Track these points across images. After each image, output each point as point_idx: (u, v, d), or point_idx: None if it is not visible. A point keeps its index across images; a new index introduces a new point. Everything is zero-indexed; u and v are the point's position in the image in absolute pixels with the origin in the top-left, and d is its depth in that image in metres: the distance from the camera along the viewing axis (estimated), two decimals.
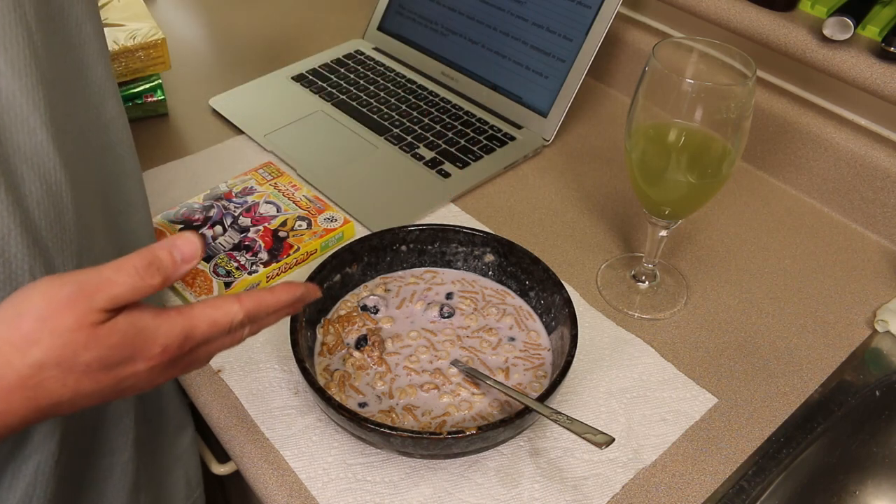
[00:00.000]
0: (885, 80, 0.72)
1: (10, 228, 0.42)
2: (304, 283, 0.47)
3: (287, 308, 0.45)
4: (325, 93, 0.93)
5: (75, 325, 0.36)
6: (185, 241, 0.40)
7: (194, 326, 0.40)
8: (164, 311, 0.40)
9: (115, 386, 0.39)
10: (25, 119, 0.42)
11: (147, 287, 0.38)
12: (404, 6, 0.99)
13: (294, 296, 0.45)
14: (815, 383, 0.63)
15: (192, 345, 0.41)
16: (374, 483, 0.55)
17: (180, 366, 0.42)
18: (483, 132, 0.87)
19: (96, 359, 0.37)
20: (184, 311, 0.40)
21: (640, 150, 0.61)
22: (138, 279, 0.38)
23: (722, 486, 0.56)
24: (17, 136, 0.42)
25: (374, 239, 0.66)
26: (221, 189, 0.77)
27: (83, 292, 0.37)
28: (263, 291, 0.43)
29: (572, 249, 0.75)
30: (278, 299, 0.44)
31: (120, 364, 0.38)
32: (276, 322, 0.45)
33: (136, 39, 0.85)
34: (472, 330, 0.63)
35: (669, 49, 0.59)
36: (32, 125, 0.43)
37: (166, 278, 0.39)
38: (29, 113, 0.42)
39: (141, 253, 0.39)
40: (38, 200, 0.44)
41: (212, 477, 0.72)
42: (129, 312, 0.38)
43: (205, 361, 0.44)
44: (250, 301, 0.42)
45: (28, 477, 0.48)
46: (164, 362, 0.40)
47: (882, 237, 0.77)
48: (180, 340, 0.40)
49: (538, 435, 0.59)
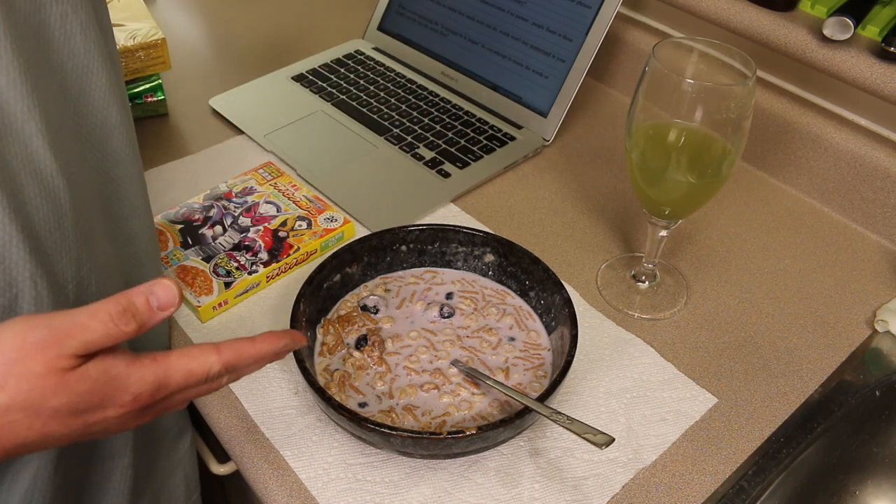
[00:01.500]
0: (885, 80, 0.72)
1: (12, 235, 0.42)
2: (289, 331, 0.46)
3: (270, 357, 0.45)
4: (325, 93, 0.93)
5: (44, 370, 0.36)
6: (163, 288, 0.39)
7: (168, 376, 0.40)
8: (138, 359, 0.39)
9: (84, 430, 0.39)
10: (21, 126, 0.42)
11: (121, 334, 0.38)
12: (404, 6, 0.99)
13: (276, 347, 0.45)
14: (815, 383, 0.63)
15: (165, 393, 0.40)
16: (374, 483, 0.55)
17: (153, 412, 0.41)
18: (483, 132, 0.87)
19: (65, 405, 0.37)
20: (159, 359, 0.40)
21: (640, 150, 0.61)
22: (112, 326, 0.37)
23: (722, 486, 0.56)
24: (14, 144, 0.42)
25: (374, 239, 0.66)
26: (221, 189, 0.77)
27: (55, 337, 0.36)
28: (244, 342, 0.43)
29: (572, 249, 0.75)
30: (259, 350, 0.43)
31: (89, 410, 0.38)
32: (258, 370, 0.45)
33: (136, 39, 0.85)
34: (472, 330, 0.63)
35: (669, 49, 0.59)
36: (28, 132, 0.43)
37: (141, 325, 0.39)
38: (24, 121, 0.42)
39: (117, 298, 0.38)
40: (37, 207, 0.44)
41: (212, 477, 0.72)
42: (101, 359, 0.38)
43: (180, 406, 0.43)
44: (229, 352, 0.42)
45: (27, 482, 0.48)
46: (135, 410, 0.40)
47: (882, 237, 0.77)
48: (152, 389, 0.39)
49: (538, 435, 0.59)
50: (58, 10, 0.45)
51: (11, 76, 0.41)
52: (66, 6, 0.46)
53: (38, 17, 0.44)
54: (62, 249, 0.46)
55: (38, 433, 0.37)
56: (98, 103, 0.50)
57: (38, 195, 0.44)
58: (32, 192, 0.43)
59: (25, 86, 0.42)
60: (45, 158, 0.44)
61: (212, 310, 0.66)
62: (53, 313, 0.37)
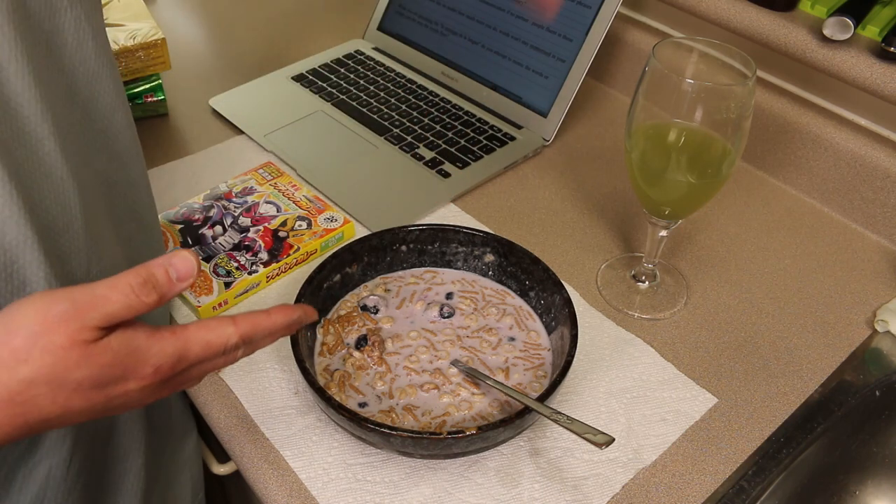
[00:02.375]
0: (885, 80, 0.72)
1: (27, 236, 0.42)
2: (301, 305, 0.47)
3: (283, 330, 0.45)
4: (325, 93, 0.93)
5: (68, 342, 0.36)
6: (181, 259, 0.39)
7: (188, 348, 0.40)
8: (158, 332, 0.39)
9: (105, 404, 0.39)
10: (34, 129, 0.43)
11: (142, 305, 0.38)
12: (404, 6, 0.99)
13: (290, 318, 0.45)
14: (815, 383, 0.63)
15: (184, 366, 0.40)
16: (374, 483, 0.55)
17: (172, 385, 0.42)
18: (483, 132, 0.87)
19: (88, 377, 0.37)
20: (178, 331, 0.40)
21: (640, 150, 0.61)
22: (133, 297, 0.38)
23: (722, 486, 0.56)
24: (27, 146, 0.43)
25: (374, 239, 0.66)
26: (221, 189, 0.77)
27: (77, 310, 0.36)
28: (259, 314, 0.43)
29: (572, 249, 0.75)
30: (274, 322, 0.44)
31: (111, 383, 0.38)
32: (272, 343, 0.45)
33: (136, 39, 0.85)
34: (472, 330, 0.63)
35: (669, 49, 0.59)
36: (41, 135, 0.43)
37: (162, 296, 0.39)
38: (37, 123, 0.43)
39: (137, 270, 0.38)
40: (50, 209, 0.44)
41: (212, 477, 0.72)
42: (122, 331, 0.38)
43: (197, 381, 0.44)
44: (246, 324, 0.42)
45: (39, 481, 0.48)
46: (156, 382, 0.40)
47: (882, 237, 0.77)
48: (173, 361, 0.40)
49: (538, 435, 0.59)
50: (72, 16, 0.46)
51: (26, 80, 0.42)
52: (80, 12, 0.46)
53: (52, 23, 0.44)
54: (73, 251, 0.46)
55: (61, 407, 0.37)
56: (105, 108, 0.51)
57: (50, 197, 0.44)
58: (46, 194, 0.44)
59: (38, 89, 0.43)
60: (56, 161, 0.44)
61: (212, 310, 0.66)
62: (73, 287, 0.37)
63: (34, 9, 0.43)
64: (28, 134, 0.43)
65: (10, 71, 0.41)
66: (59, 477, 0.49)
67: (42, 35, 0.44)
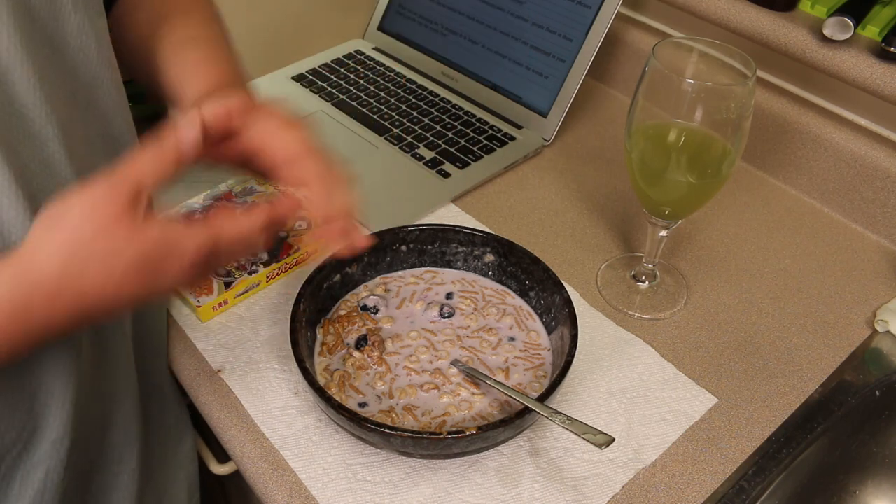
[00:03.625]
0: (885, 80, 0.72)
1: None
2: None
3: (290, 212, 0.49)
4: (325, 93, 0.93)
5: (115, 213, 0.39)
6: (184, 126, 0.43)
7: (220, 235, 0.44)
8: (193, 222, 0.43)
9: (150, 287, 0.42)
10: (39, 131, 0.43)
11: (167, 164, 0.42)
12: (404, 6, 0.99)
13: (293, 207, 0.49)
14: (815, 383, 0.63)
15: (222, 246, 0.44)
16: (374, 483, 0.55)
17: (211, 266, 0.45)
18: (483, 132, 0.87)
19: (138, 256, 0.40)
20: (209, 221, 0.44)
21: (640, 150, 0.61)
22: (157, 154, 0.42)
23: (722, 486, 0.56)
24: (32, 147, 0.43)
25: (374, 239, 0.66)
26: (221, 189, 0.77)
27: (112, 184, 0.40)
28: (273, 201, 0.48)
29: (572, 249, 0.75)
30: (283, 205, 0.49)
31: (158, 260, 0.41)
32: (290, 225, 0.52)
33: None
34: (472, 330, 0.63)
35: (669, 49, 0.59)
36: (45, 137, 0.44)
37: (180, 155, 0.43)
38: (42, 125, 0.44)
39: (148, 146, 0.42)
40: None
41: (212, 477, 0.72)
42: (161, 221, 0.42)
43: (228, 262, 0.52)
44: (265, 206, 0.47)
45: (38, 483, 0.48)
46: (197, 262, 0.43)
47: (882, 237, 0.77)
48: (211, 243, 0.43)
49: (538, 435, 0.59)
50: (75, 20, 0.46)
51: (31, 82, 0.42)
52: (84, 17, 0.46)
53: (56, 26, 0.45)
54: None
55: (115, 286, 0.40)
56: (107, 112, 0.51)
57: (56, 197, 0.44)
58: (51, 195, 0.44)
59: (43, 91, 0.43)
60: (61, 162, 0.45)
61: (212, 310, 0.66)
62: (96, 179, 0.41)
63: (39, 12, 0.43)
64: (33, 135, 0.43)
65: (16, 73, 0.42)
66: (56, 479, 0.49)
67: (46, 38, 0.44)
